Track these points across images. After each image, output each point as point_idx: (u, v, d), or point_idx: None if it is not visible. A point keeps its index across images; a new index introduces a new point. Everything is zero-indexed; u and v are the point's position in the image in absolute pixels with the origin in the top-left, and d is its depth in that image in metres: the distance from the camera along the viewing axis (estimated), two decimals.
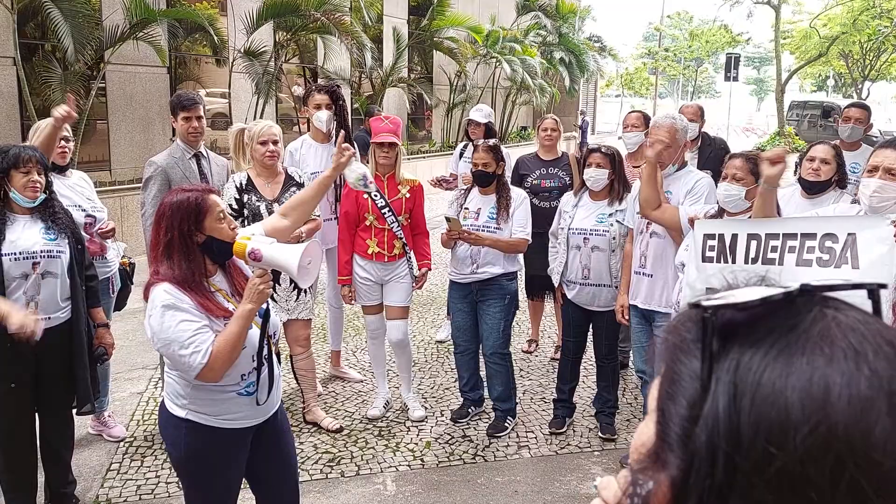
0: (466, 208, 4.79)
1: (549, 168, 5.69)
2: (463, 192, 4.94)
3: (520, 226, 4.66)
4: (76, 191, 4.31)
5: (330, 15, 11.39)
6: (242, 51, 11.28)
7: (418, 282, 4.96)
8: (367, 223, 4.75)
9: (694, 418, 0.61)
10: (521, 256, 4.94)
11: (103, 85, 10.20)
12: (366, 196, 4.69)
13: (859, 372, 0.57)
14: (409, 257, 4.87)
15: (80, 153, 9.20)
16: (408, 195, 4.80)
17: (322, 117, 5.07)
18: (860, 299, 0.65)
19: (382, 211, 4.72)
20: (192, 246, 2.62)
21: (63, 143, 4.23)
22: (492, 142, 4.85)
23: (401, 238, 4.79)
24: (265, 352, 2.73)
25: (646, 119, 5.56)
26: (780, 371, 0.58)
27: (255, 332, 2.68)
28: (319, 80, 13.41)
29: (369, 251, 4.80)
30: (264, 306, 2.70)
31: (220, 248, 2.68)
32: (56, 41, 8.68)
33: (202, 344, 2.53)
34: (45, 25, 9.37)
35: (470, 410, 5.03)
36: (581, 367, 5.02)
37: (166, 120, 10.82)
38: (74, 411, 3.84)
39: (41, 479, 3.85)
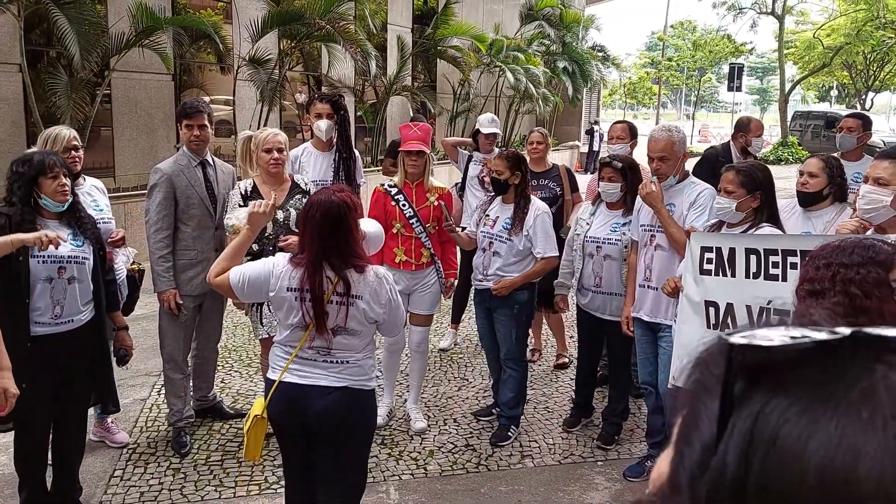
0: (487, 215, 4.86)
1: (540, 180, 5.72)
2: (488, 198, 4.98)
3: (542, 245, 4.66)
4: (86, 200, 4.35)
5: (335, 23, 11.42)
6: (247, 58, 11.31)
7: (447, 292, 4.99)
8: (395, 231, 4.76)
9: (705, 465, 0.54)
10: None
11: (108, 92, 10.23)
12: (393, 204, 4.73)
13: None
14: (438, 266, 4.89)
15: (85, 159, 9.17)
16: (436, 203, 4.81)
17: (322, 126, 5.09)
18: None
19: (410, 220, 4.73)
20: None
21: (73, 152, 4.28)
22: (509, 151, 4.87)
23: (429, 248, 4.80)
24: None
25: (631, 130, 5.57)
26: (803, 430, 0.49)
27: None
28: (323, 89, 13.44)
29: (397, 259, 4.81)
30: None
31: None
32: (62, 48, 8.71)
33: None
34: (50, 32, 9.40)
35: (494, 411, 5.06)
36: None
37: (171, 127, 10.87)
38: (93, 410, 3.89)
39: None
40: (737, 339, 0.53)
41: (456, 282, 5.13)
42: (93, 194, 4.50)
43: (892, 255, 1.85)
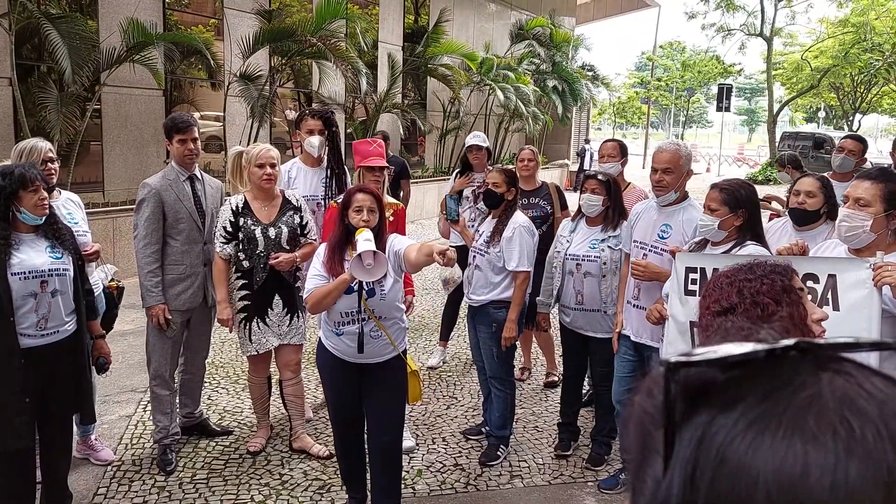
0: (477, 230, 4.92)
1: (530, 198, 5.72)
2: (482, 215, 4.99)
3: (516, 259, 4.61)
4: (61, 213, 4.30)
5: (326, 40, 11.44)
6: (238, 74, 11.32)
7: (407, 310, 4.94)
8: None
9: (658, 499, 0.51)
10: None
11: (98, 106, 10.21)
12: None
13: (850, 456, 0.45)
14: None
15: (74, 174, 9.18)
16: (391, 219, 4.77)
17: (314, 142, 5.07)
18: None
19: None
20: (341, 223, 3.75)
21: (49, 164, 4.22)
22: (508, 167, 4.90)
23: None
24: (358, 315, 3.72)
25: (621, 148, 5.57)
26: (750, 444, 0.48)
27: (348, 299, 3.68)
28: (313, 105, 13.45)
29: None
30: (369, 286, 3.67)
31: (351, 228, 3.71)
32: (53, 63, 8.70)
33: (309, 285, 3.70)
34: (41, 47, 9.40)
35: (484, 430, 5.03)
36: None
37: (160, 142, 10.82)
38: (76, 428, 3.87)
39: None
40: (674, 358, 0.51)
41: (413, 299, 5.09)
42: (68, 207, 4.43)
43: (789, 266, 1.89)
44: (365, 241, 3.52)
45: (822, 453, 0.46)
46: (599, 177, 4.62)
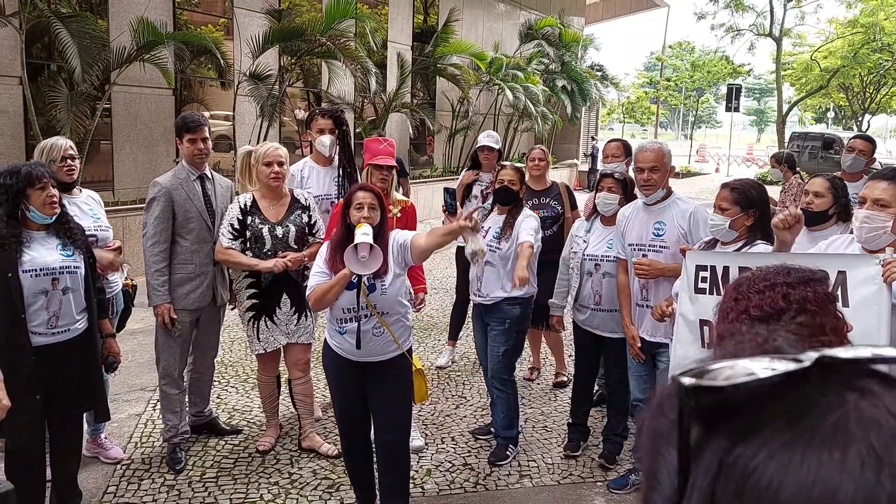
0: (482, 227, 4.84)
1: (541, 198, 5.70)
2: (485, 213, 4.95)
3: (524, 235, 4.56)
4: (83, 210, 4.33)
5: (335, 40, 11.44)
6: (247, 74, 11.34)
7: (416, 306, 4.94)
8: None
9: None
10: (534, 283, 4.87)
11: (108, 105, 10.23)
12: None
13: (879, 484, 0.43)
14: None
15: (84, 173, 9.16)
16: (399, 215, 4.76)
17: (325, 142, 5.07)
18: None
19: None
20: (343, 222, 3.78)
21: (69, 161, 4.27)
22: (519, 165, 4.88)
23: None
24: (358, 311, 3.69)
25: (625, 147, 5.56)
26: (772, 477, 0.45)
27: (349, 295, 3.66)
28: (323, 104, 13.46)
29: None
30: (369, 281, 3.67)
31: (352, 227, 3.70)
32: (63, 62, 8.72)
33: (311, 283, 3.73)
34: (51, 46, 9.42)
35: (493, 430, 5.02)
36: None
37: (170, 141, 10.87)
38: (86, 426, 3.90)
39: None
40: (688, 380, 0.48)
41: (425, 296, 5.08)
42: (89, 204, 4.49)
43: (822, 272, 1.80)
44: (363, 234, 3.53)
45: (851, 487, 0.43)
46: (616, 175, 4.62)
